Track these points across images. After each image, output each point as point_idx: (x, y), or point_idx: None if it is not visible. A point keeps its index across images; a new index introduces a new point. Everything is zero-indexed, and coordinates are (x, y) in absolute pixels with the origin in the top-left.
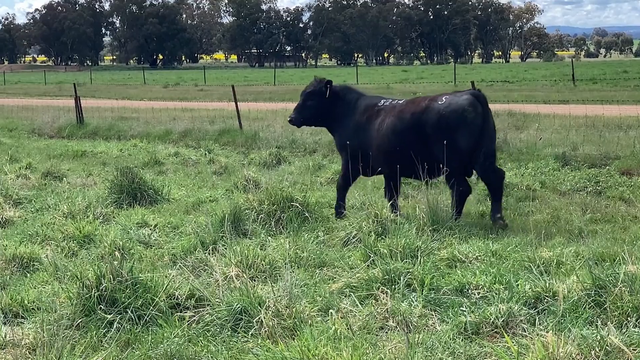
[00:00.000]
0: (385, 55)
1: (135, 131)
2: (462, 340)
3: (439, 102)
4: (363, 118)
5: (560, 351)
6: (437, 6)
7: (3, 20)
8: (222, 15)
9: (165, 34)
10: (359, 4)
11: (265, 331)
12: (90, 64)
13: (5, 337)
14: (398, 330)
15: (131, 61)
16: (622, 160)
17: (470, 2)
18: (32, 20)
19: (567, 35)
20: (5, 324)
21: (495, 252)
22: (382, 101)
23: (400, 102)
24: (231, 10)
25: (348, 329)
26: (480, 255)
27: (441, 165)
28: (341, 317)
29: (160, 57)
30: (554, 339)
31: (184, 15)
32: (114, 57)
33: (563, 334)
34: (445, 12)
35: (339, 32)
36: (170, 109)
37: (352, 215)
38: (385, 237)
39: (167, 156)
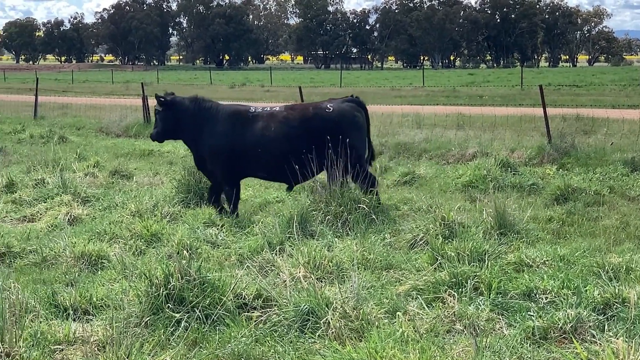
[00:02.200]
0: (452, 58)
1: None
2: (529, 345)
3: (327, 110)
4: (234, 126)
5: (631, 358)
6: (505, 9)
7: (72, 19)
8: (289, 16)
9: (232, 35)
10: (425, 6)
11: (333, 332)
12: (156, 63)
13: (75, 333)
14: (465, 334)
15: (197, 61)
16: None
17: (537, 6)
18: (100, 20)
19: (636, 40)
20: (74, 320)
21: (563, 257)
22: (252, 108)
23: (276, 108)
24: (298, 11)
25: (415, 331)
26: (547, 260)
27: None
28: (408, 320)
29: (227, 57)
30: (625, 346)
31: (251, 16)
32: (181, 57)
33: (634, 340)
34: (513, 16)
35: (405, 35)
36: None
37: (419, 218)
38: (452, 240)
39: None
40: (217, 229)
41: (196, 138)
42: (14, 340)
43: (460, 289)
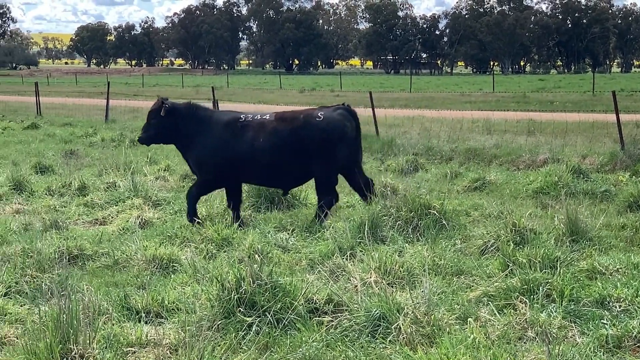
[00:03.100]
0: (522, 63)
1: None
2: (603, 353)
3: (317, 119)
4: (226, 133)
5: None
6: (576, 14)
7: (142, 23)
8: (359, 21)
9: (302, 39)
10: (496, 11)
11: (404, 338)
12: (226, 67)
13: (147, 336)
14: (537, 341)
15: (267, 66)
16: None
17: (610, 11)
18: (170, 24)
19: None
20: (146, 323)
21: (637, 265)
22: (242, 116)
23: (267, 116)
24: (368, 16)
25: (487, 338)
26: (621, 268)
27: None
28: (479, 326)
29: (296, 62)
30: None
31: (321, 21)
32: (250, 62)
33: None
34: (584, 21)
35: (475, 40)
36: None
37: (489, 224)
38: (524, 246)
39: None
40: (288, 233)
41: (190, 144)
42: (88, 342)
43: (532, 296)
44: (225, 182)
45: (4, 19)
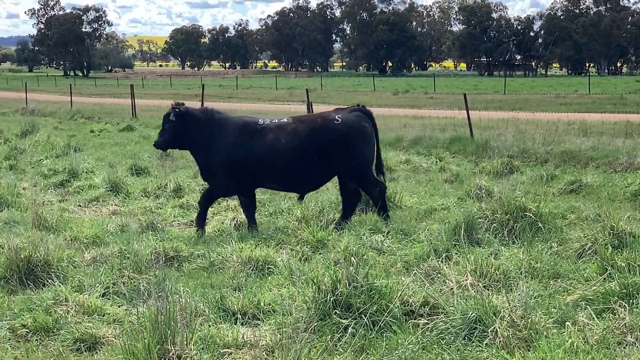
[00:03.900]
0: (618, 64)
1: None
2: None
3: (335, 121)
4: (243, 138)
5: None
6: None
7: (236, 26)
8: (452, 23)
9: (395, 41)
10: (592, 12)
11: (500, 341)
12: (320, 70)
13: (244, 337)
14: (637, 346)
15: (360, 68)
16: None
17: None
18: (264, 27)
19: None
20: (243, 324)
21: None
22: (260, 120)
23: (284, 120)
24: (461, 18)
25: (585, 342)
26: None
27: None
28: (577, 330)
29: (390, 64)
30: None
31: (414, 23)
32: (344, 64)
33: None
34: None
35: (571, 41)
36: (400, 116)
37: (586, 227)
38: (622, 250)
39: (398, 163)
40: (383, 235)
41: (205, 150)
42: (185, 342)
43: (632, 300)
44: (243, 187)
45: (99, 23)
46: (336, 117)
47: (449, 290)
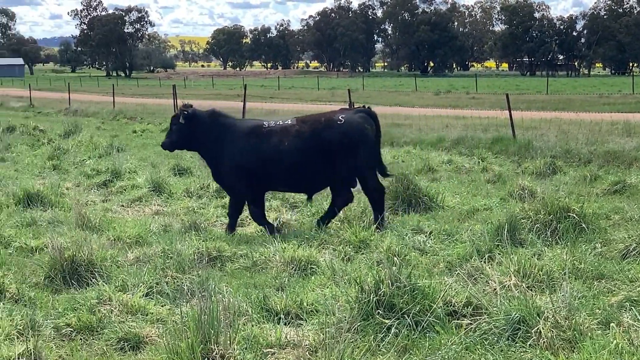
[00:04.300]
0: None
1: (408, 138)
2: None
3: (338, 122)
4: (250, 140)
5: None
6: None
7: (278, 26)
8: (494, 23)
9: (437, 41)
10: (635, 11)
11: (544, 342)
12: (361, 70)
13: (287, 337)
14: None
15: (402, 68)
16: None
17: None
18: (305, 27)
19: None
20: (286, 324)
21: None
22: (265, 123)
23: (288, 122)
24: (503, 18)
25: (630, 344)
26: None
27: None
28: (622, 332)
29: (431, 64)
30: None
31: (456, 23)
32: (385, 64)
33: None
34: None
35: (614, 41)
36: (442, 116)
37: (631, 228)
38: None
39: (440, 163)
40: (425, 235)
41: (213, 152)
42: (228, 342)
43: None
44: (254, 189)
45: (142, 23)
46: (340, 117)
47: (492, 290)
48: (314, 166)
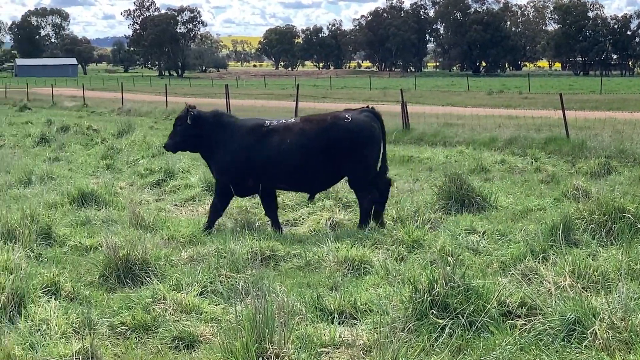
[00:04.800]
0: None
1: (460, 137)
2: None
3: (345, 120)
4: (251, 139)
5: None
6: None
7: (330, 26)
8: (547, 22)
9: (489, 41)
10: None
11: (600, 343)
12: (413, 70)
13: (341, 337)
14: None
15: (454, 68)
16: None
17: None
18: (357, 27)
19: None
20: (340, 324)
21: None
22: (267, 122)
23: (292, 120)
24: (556, 17)
25: None
26: None
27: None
28: None
29: (483, 64)
30: None
31: (508, 23)
32: (437, 64)
33: None
34: None
35: None
36: (495, 116)
37: None
38: None
39: (492, 163)
40: (479, 235)
41: (215, 152)
42: (283, 341)
43: None
44: (251, 188)
45: (194, 23)
46: (346, 116)
47: (547, 291)
48: (319, 165)
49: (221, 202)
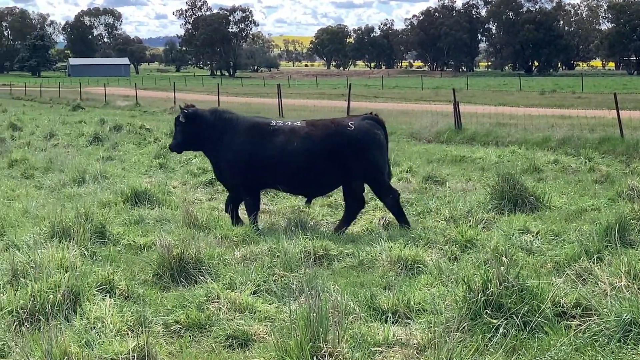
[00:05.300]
0: None
1: (513, 137)
2: None
3: (349, 127)
4: (254, 138)
5: None
6: None
7: (382, 26)
8: (601, 21)
9: (542, 41)
10: None
11: None
12: (465, 69)
13: (395, 336)
14: None
15: (506, 67)
16: None
17: None
18: (409, 27)
19: None
20: (393, 323)
21: None
22: (273, 122)
23: (297, 123)
24: (610, 16)
25: None
26: None
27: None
28: None
29: (536, 63)
30: None
31: (561, 22)
32: (489, 63)
33: None
34: None
35: None
36: (548, 116)
37: None
38: None
39: (546, 163)
40: (532, 235)
41: (216, 150)
42: (337, 340)
43: None
44: (258, 186)
45: (246, 23)
46: (349, 123)
47: (602, 291)
48: (320, 170)
49: (251, 197)
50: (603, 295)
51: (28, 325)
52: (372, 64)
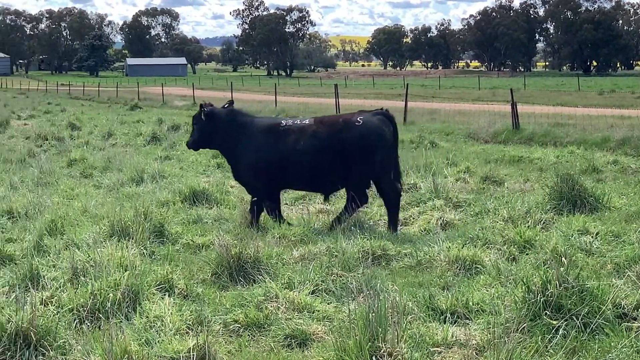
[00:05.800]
0: None
1: (571, 138)
2: None
3: (357, 123)
4: (269, 138)
5: None
6: None
7: (438, 26)
8: None
9: (600, 40)
10: None
11: None
12: (522, 69)
13: (453, 336)
14: None
15: (564, 67)
16: None
17: None
18: (466, 26)
19: None
20: (452, 324)
21: None
22: (284, 121)
23: (306, 121)
24: None
25: None
26: None
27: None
28: None
29: (594, 63)
30: None
31: (620, 21)
32: (547, 63)
33: None
34: None
35: None
36: (607, 116)
37: None
38: None
39: (605, 164)
40: (592, 236)
41: (232, 150)
42: (396, 340)
43: None
44: (276, 186)
45: (303, 23)
46: (358, 119)
47: None
48: (332, 166)
49: (270, 199)
50: None
51: (88, 323)
52: (429, 64)
